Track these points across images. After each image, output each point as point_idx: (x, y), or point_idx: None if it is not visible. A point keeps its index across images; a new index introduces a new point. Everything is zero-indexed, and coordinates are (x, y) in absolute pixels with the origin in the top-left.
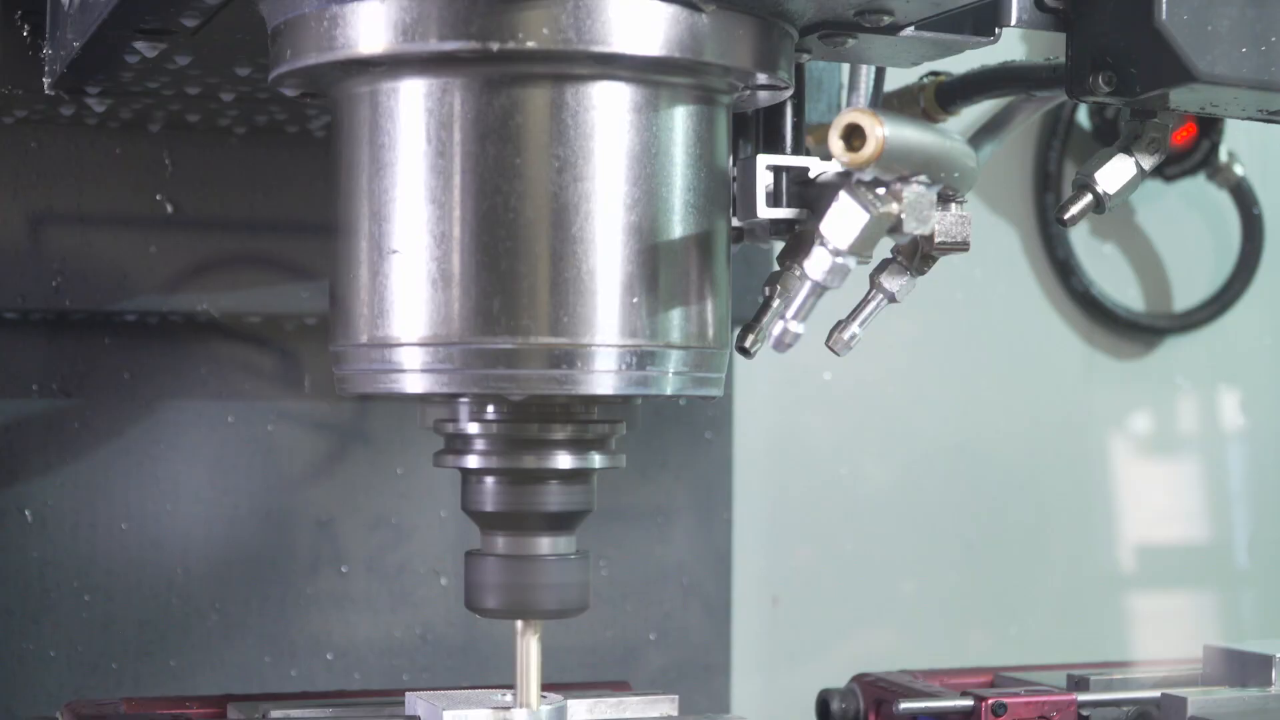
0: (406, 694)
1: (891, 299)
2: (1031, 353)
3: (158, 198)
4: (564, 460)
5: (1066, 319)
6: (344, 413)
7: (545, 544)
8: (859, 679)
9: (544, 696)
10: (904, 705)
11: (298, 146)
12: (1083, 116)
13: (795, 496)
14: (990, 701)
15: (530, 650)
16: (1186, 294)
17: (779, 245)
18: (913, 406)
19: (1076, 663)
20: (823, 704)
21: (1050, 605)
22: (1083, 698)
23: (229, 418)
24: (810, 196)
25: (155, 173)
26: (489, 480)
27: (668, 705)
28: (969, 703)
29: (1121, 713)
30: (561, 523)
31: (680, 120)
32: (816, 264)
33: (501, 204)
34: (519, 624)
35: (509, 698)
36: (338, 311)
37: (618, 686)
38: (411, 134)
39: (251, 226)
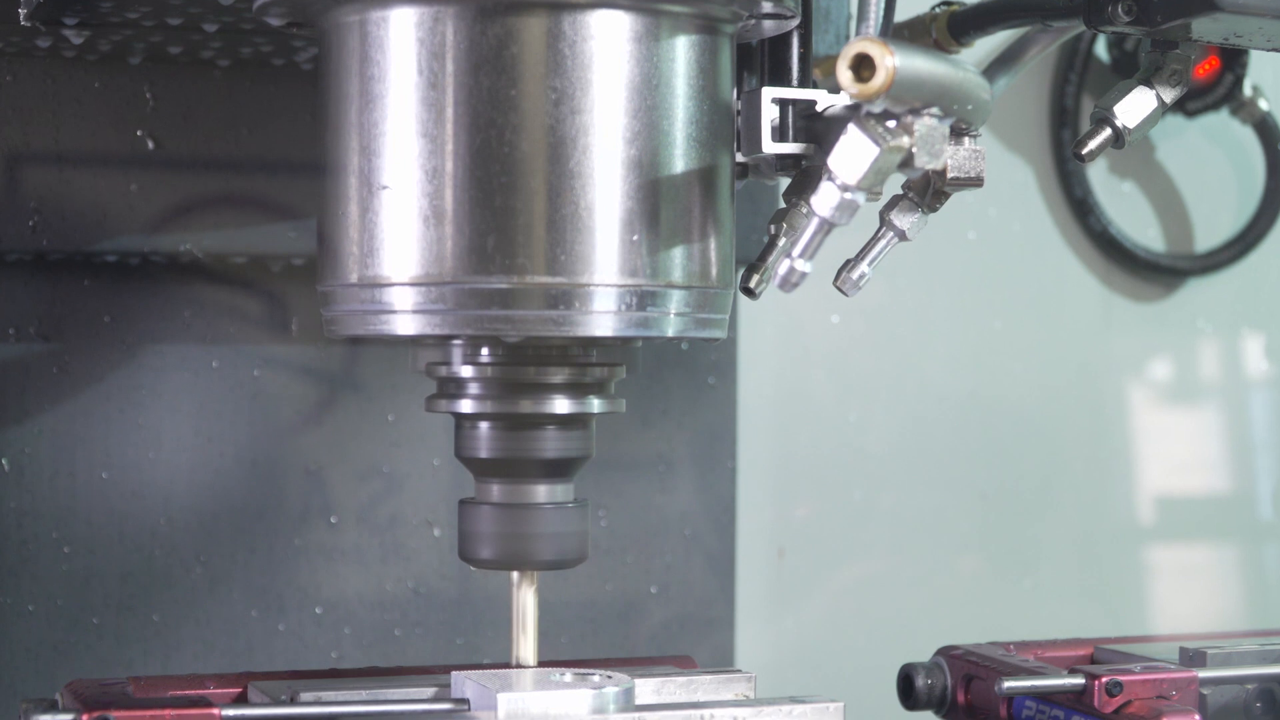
0: (453, 673)
1: (902, 237)
2: (1047, 295)
3: (138, 134)
4: (561, 405)
5: (1084, 260)
6: (333, 357)
7: (542, 492)
8: (944, 652)
9: (609, 676)
10: (1008, 684)
11: (284, 80)
12: (1101, 49)
13: (802, 445)
14: (1104, 680)
15: (526, 603)
16: (1209, 234)
17: (785, 182)
18: (923, 351)
19: (1183, 633)
20: (905, 680)
21: (1066, 557)
22: (1203, 674)
23: (213, 362)
24: (817, 131)
25: (136, 108)
26: (483, 426)
27: (743, 684)
28: (1079, 680)
29: (1244, 690)
30: (559, 470)
31: (682, 50)
32: (824, 200)
33: (496, 138)
34: (515, 575)
35: (567, 676)
36: (326, 250)
37: (681, 662)
38: (402, 65)
39: (236, 164)
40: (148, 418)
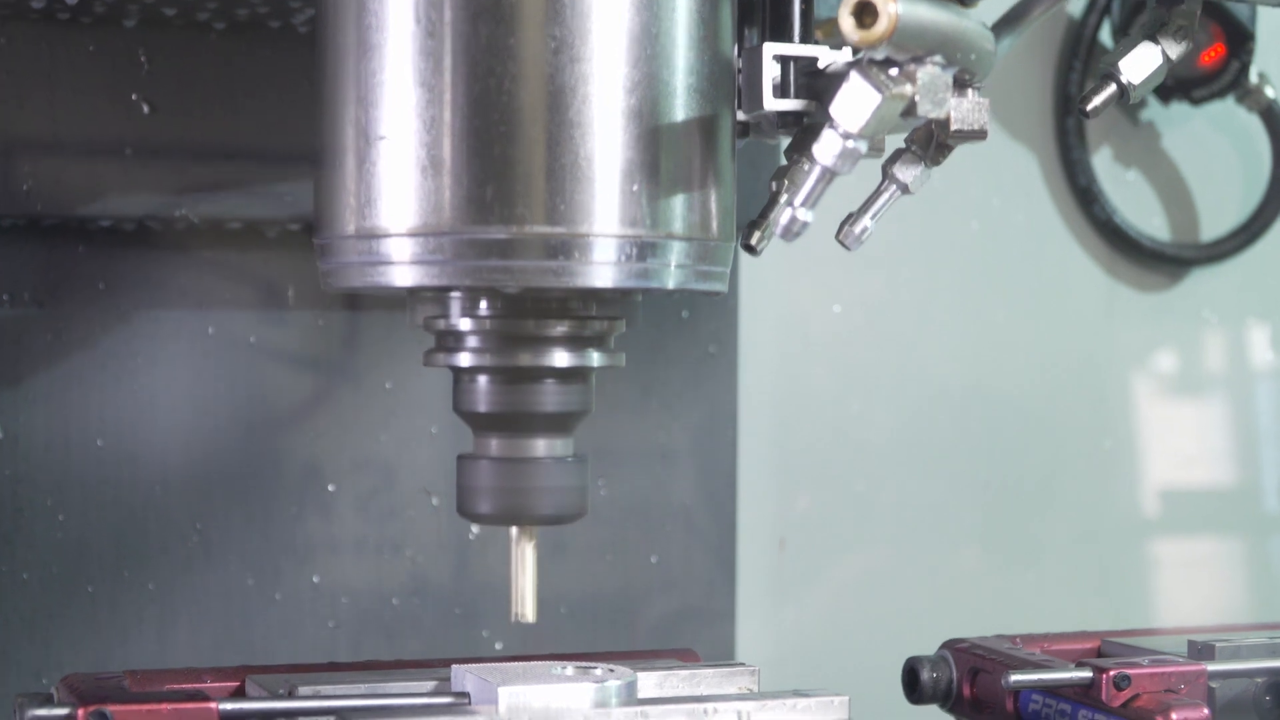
0: (453, 666)
1: (905, 190)
2: (1051, 284)
3: (133, 97)
4: (561, 358)
5: (1088, 249)
6: (330, 323)
7: (541, 446)
8: (950, 645)
9: (611, 669)
10: (1015, 677)
11: (281, 42)
12: (1106, 36)
13: (803, 436)
14: (1112, 673)
15: (525, 558)
16: (1214, 223)
17: (786, 141)
18: (926, 342)
19: (1190, 626)
20: (911, 673)
21: (1070, 550)
22: (1212, 667)
23: (209, 329)
24: (819, 88)
25: (130, 71)
26: (482, 379)
27: (747, 678)
28: (1087, 674)
29: (1253, 684)
30: (558, 424)
31: (683, 0)
32: (826, 148)
33: (495, 87)
34: (514, 531)
35: (569, 670)
36: (323, 202)
37: (684, 655)
38: (400, 14)
39: (232, 128)
40: (143, 384)
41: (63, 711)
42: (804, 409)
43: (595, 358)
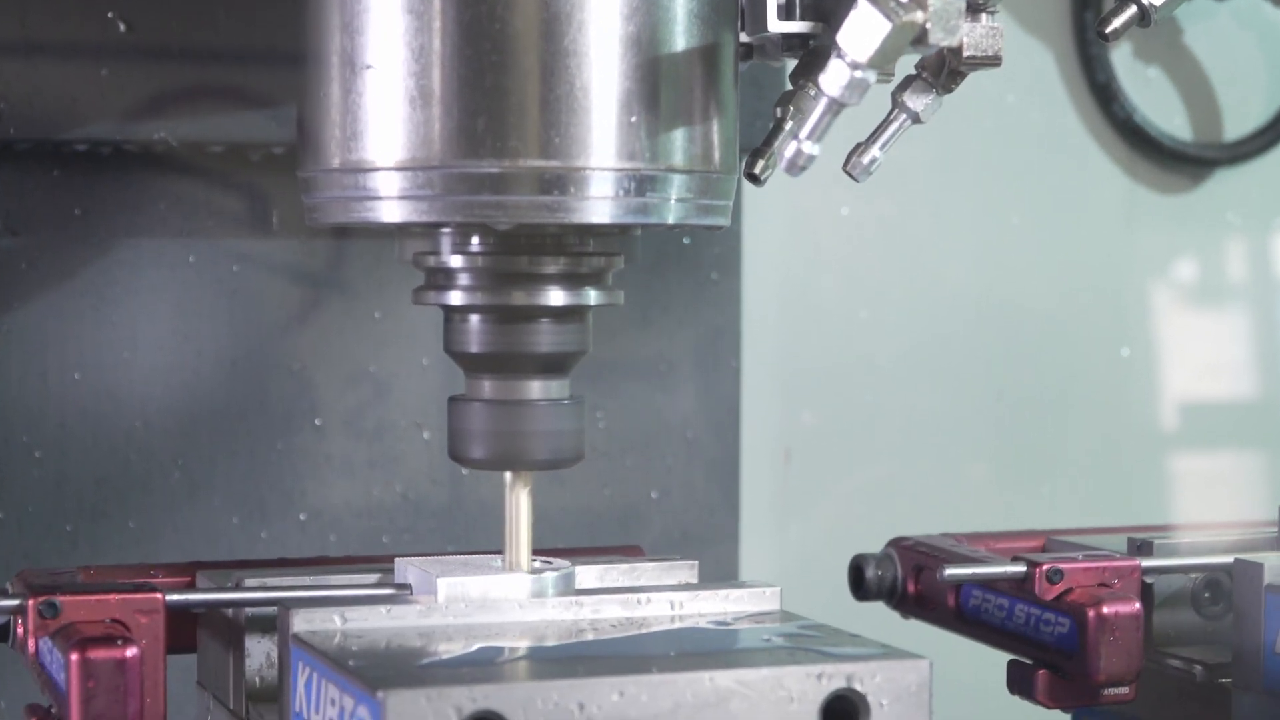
0: (396, 560)
1: (915, 119)
2: (1068, 187)
3: (109, 15)
4: (556, 296)
5: (1106, 149)
6: (316, 252)
7: (536, 388)
8: (895, 543)
9: (548, 562)
10: (949, 571)
11: None
12: None
13: (809, 346)
14: (1045, 567)
15: (520, 505)
16: (1239, 122)
17: (791, 65)
18: (937, 246)
19: (1134, 525)
20: (856, 570)
21: (1085, 463)
22: (1146, 563)
23: (190, 257)
24: (826, 9)
25: None
26: (474, 319)
27: (686, 572)
28: (1021, 568)
29: (1189, 580)
30: (553, 365)
31: None
32: (833, 78)
33: (486, 13)
34: (508, 476)
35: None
36: (307, 135)
37: (629, 551)
38: None
39: (213, 48)
40: (122, 315)
41: (14, 602)
42: (811, 319)
43: (592, 296)
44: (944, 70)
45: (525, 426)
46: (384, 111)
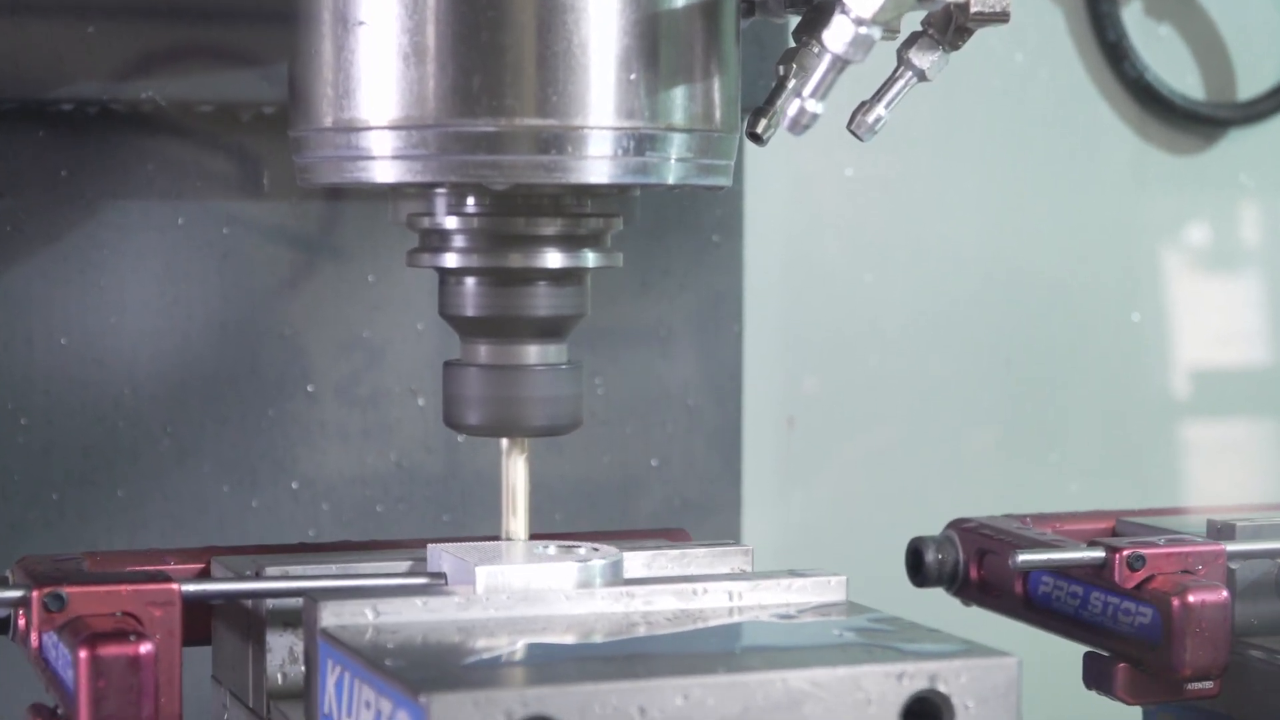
0: (429, 546)
1: (922, 77)
2: (1077, 148)
3: None
4: (553, 258)
5: (1117, 109)
6: (308, 214)
7: (533, 353)
8: (956, 525)
9: (596, 549)
10: (1023, 557)
11: None
12: None
13: (813, 310)
14: (1126, 553)
15: (517, 472)
16: (1252, 81)
17: (794, 21)
18: (943, 208)
19: (1213, 506)
20: (915, 554)
21: (1094, 431)
22: (1231, 548)
23: (179, 219)
24: None
25: None
26: (470, 281)
27: (740, 558)
28: (1099, 554)
29: (1274, 565)
30: (551, 329)
31: None
32: (837, 35)
33: None
34: (504, 443)
35: (551, 549)
36: (298, 93)
37: (674, 535)
38: None
39: (202, 4)
40: (110, 279)
41: (17, 594)
42: (814, 283)
43: (590, 258)
44: (951, 27)
45: (522, 392)
46: (377, 69)
